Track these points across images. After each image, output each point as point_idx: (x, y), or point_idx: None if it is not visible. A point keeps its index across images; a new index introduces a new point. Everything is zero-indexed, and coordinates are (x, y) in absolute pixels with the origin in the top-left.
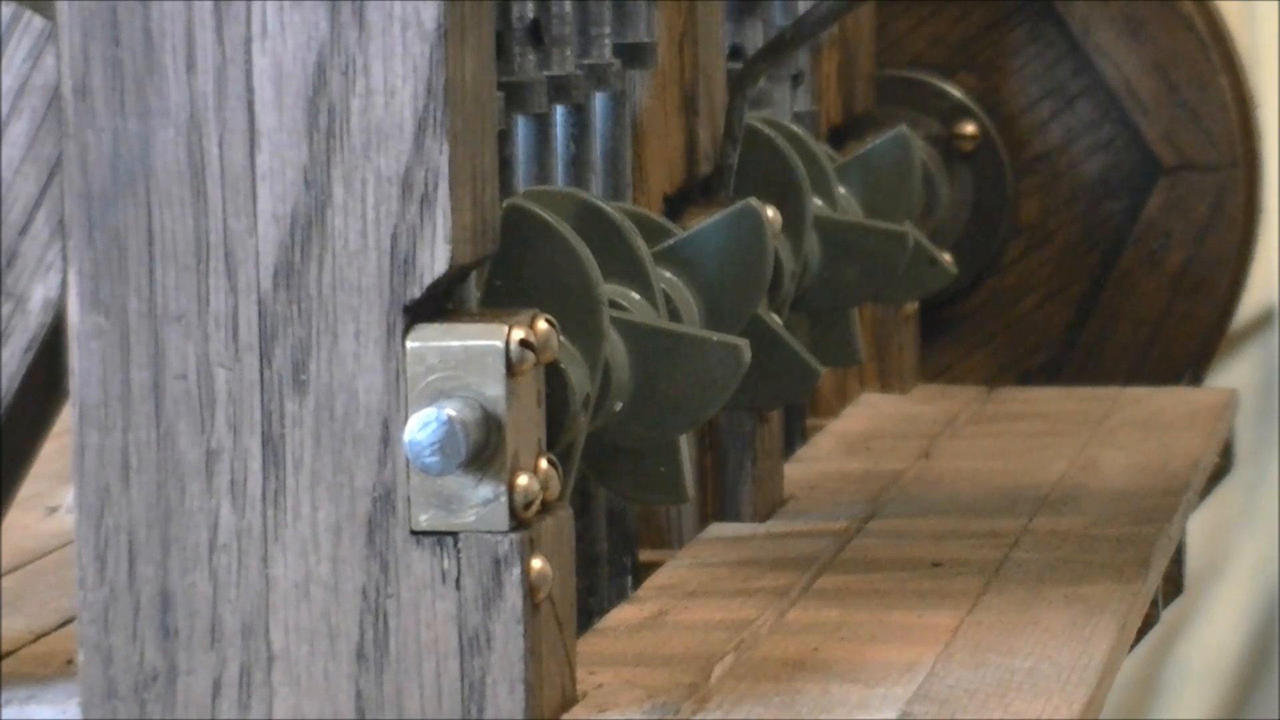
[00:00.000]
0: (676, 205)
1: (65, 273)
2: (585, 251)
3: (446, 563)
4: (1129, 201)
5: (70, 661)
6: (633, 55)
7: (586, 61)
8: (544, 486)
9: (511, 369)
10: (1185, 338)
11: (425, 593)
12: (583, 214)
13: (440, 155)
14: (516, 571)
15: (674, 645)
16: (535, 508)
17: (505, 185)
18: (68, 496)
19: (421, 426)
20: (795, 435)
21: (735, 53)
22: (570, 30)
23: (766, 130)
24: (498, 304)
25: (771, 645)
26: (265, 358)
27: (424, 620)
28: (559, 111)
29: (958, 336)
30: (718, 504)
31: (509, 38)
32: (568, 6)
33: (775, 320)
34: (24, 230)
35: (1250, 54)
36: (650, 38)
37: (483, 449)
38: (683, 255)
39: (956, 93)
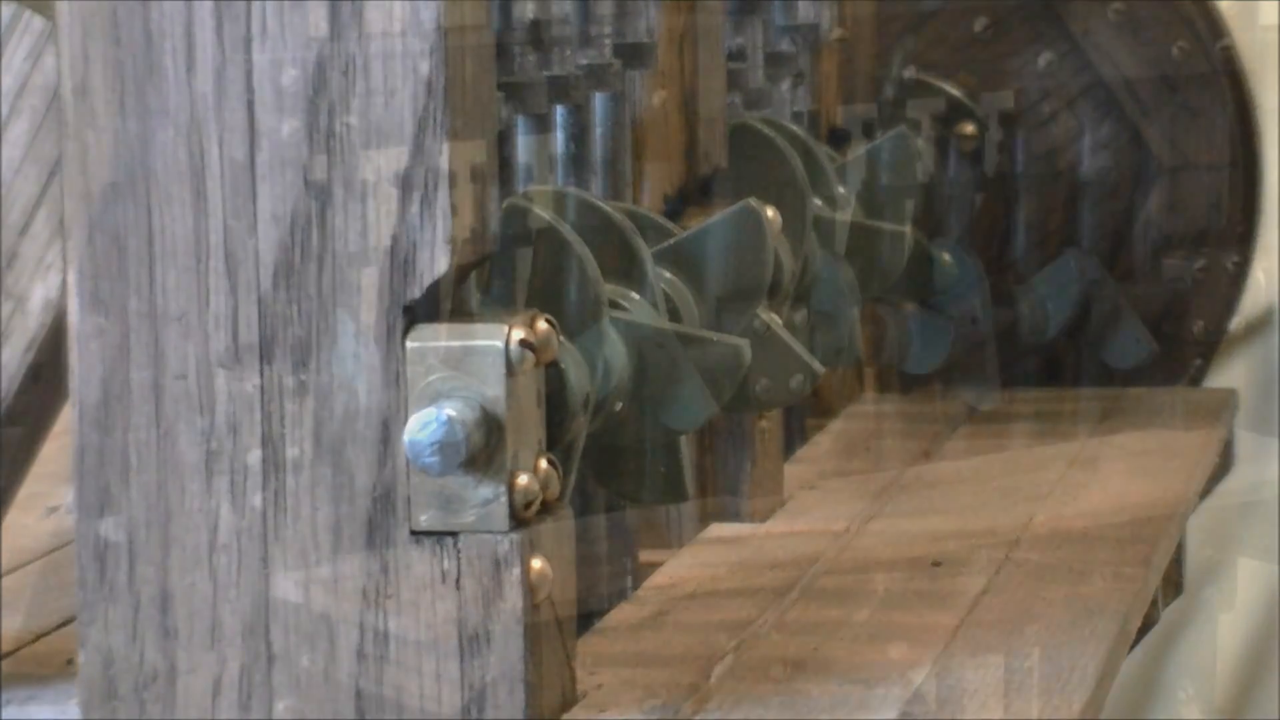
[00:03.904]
0: (676, 205)
1: (65, 273)
2: (585, 251)
3: (446, 563)
4: (1129, 201)
5: (70, 661)
6: (633, 55)
7: (586, 61)
8: (544, 486)
9: (511, 369)
10: (1185, 338)
11: (425, 593)
12: (583, 214)
13: (440, 155)
14: (516, 571)
15: (674, 645)
16: (535, 508)
17: (505, 185)
18: (68, 496)
19: (421, 426)
20: (795, 435)
21: (735, 53)
22: (570, 30)
23: (766, 130)
24: (498, 304)
25: (771, 645)
26: (265, 358)
27: (424, 620)
28: (559, 111)
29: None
30: (718, 504)
31: (509, 38)
32: (568, 6)
33: (775, 320)
34: (24, 230)
35: (1250, 54)
36: (650, 38)
37: (483, 449)
38: (683, 255)
39: (956, 93)
